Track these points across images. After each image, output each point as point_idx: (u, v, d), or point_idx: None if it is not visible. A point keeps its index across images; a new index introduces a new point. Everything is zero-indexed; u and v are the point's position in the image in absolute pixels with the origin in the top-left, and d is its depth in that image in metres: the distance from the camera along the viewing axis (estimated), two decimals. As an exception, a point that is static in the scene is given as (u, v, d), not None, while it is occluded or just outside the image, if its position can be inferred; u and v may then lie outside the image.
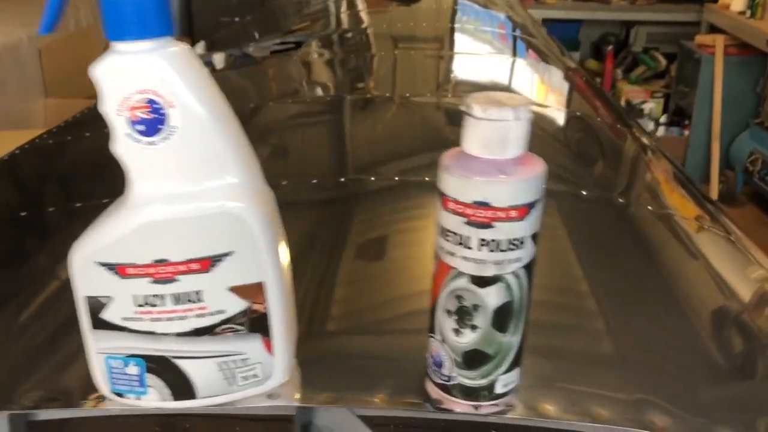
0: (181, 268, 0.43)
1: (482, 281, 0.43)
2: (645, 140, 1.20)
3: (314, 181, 0.87)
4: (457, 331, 0.45)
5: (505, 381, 0.47)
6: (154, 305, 0.44)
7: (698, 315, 0.65)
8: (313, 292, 0.62)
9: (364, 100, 1.24)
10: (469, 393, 0.46)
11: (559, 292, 0.64)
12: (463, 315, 0.44)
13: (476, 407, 0.47)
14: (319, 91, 1.36)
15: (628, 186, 1.02)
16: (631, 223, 0.84)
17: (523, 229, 0.43)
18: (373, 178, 0.89)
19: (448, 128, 1.09)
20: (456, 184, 0.42)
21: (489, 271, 0.43)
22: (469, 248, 0.43)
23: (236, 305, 0.45)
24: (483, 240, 0.42)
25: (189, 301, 0.44)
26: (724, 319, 0.65)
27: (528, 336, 0.46)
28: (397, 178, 0.89)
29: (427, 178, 0.82)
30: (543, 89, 1.47)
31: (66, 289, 0.45)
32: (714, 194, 3.94)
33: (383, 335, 0.58)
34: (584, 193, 0.87)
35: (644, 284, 0.67)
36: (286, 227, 0.47)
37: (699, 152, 4.12)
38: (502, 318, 0.44)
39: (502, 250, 0.43)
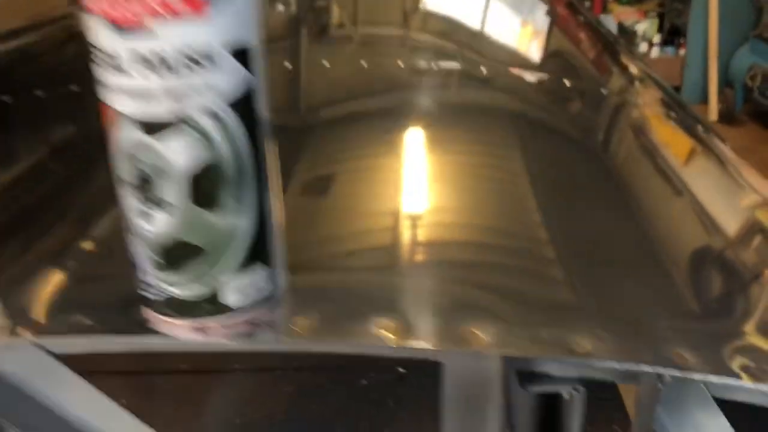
0: None
1: (156, 127, 0.27)
2: (634, 69, 1.06)
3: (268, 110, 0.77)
4: (143, 213, 0.29)
5: (237, 286, 0.31)
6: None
7: (676, 259, 0.52)
8: None
9: (323, 31, 1.10)
10: (184, 307, 0.30)
11: (510, 236, 0.51)
12: (145, 186, 0.28)
13: (201, 329, 0.31)
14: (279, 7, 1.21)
15: (609, 125, 0.89)
16: (608, 164, 0.73)
17: (205, 34, 0.26)
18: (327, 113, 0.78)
19: (411, 69, 0.95)
20: (85, -38, 0.26)
21: (162, 110, 0.27)
22: (123, 71, 0.26)
23: None
24: (140, 55, 0.26)
25: None
26: (704, 260, 0.52)
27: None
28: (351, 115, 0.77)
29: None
30: (520, 22, 1.30)
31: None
32: (713, 115, 3.73)
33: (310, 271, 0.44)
34: (557, 134, 0.75)
35: (616, 230, 0.54)
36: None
37: (696, 72, 3.88)
38: (205, 188, 0.28)
39: (175, 72, 0.26)
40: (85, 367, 0.35)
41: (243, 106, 0.28)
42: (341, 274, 0.42)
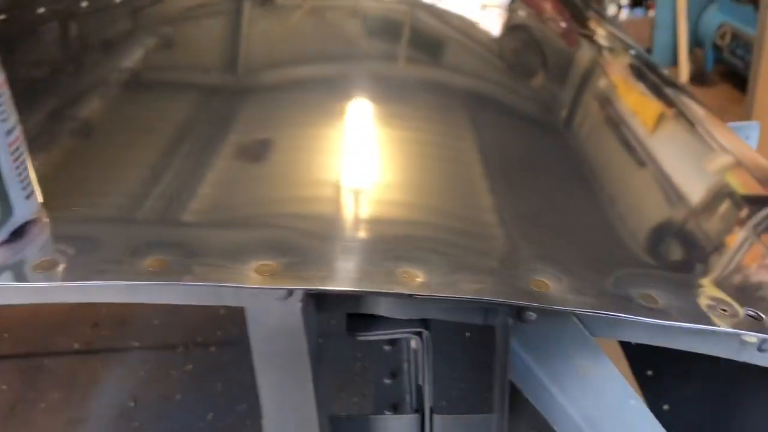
0: None
1: None
2: (602, 35, 0.99)
3: (204, 73, 0.69)
4: None
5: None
6: None
7: (635, 235, 0.44)
8: (175, 184, 0.42)
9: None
10: None
11: (458, 220, 0.43)
12: None
13: None
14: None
15: (573, 98, 0.81)
16: (568, 139, 0.65)
17: None
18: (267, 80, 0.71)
19: (359, 39, 0.87)
20: None
21: None
22: None
23: None
24: None
25: None
26: (665, 233, 0.45)
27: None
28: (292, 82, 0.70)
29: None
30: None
31: None
32: (684, 76, 3.67)
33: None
34: (514, 111, 0.67)
35: (574, 209, 0.46)
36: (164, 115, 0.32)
37: (665, 33, 3.83)
38: None
39: None
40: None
41: None
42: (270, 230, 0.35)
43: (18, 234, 0.25)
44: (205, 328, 0.95)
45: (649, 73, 0.82)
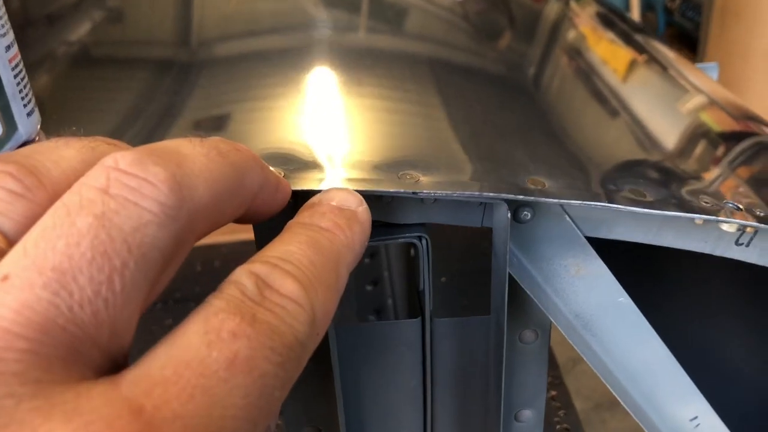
0: None
1: None
2: None
3: (156, 34, 0.67)
4: None
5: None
6: None
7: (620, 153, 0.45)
8: None
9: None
10: None
11: (448, 149, 0.43)
12: None
13: None
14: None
15: (542, 56, 0.80)
16: (538, 97, 0.65)
17: None
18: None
19: (317, 8, 0.84)
20: None
21: None
22: None
23: None
24: None
25: None
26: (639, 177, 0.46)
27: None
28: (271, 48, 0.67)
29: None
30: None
31: None
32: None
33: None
34: (482, 72, 0.67)
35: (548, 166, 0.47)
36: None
37: (618, -2, 3.90)
38: None
39: None
40: None
41: None
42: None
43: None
44: (183, 284, 0.95)
45: (617, 20, 0.84)
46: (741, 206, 0.26)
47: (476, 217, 0.26)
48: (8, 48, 0.24)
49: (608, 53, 0.77)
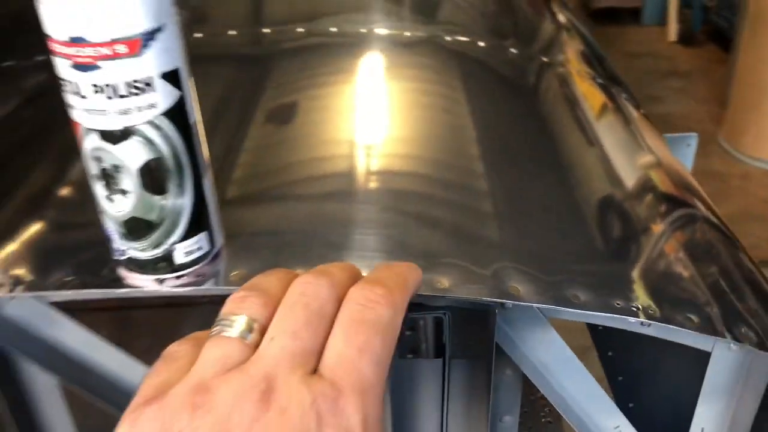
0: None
1: (112, 137, 0.36)
2: (562, 18, 1.11)
3: (231, 32, 0.80)
4: (109, 199, 0.39)
5: (185, 249, 0.41)
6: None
7: (587, 202, 0.60)
8: (220, 157, 0.57)
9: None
10: (146, 266, 0.41)
11: (449, 169, 0.60)
12: (108, 179, 0.38)
13: (160, 281, 0.41)
14: None
15: (539, 69, 0.93)
16: (538, 108, 0.79)
17: (143, 67, 0.35)
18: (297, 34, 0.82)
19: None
20: (49, 16, 0.34)
21: (116, 124, 0.36)
22: (84, 97, 0.35)
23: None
24: (95, 86, 0.35)
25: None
26: (608, 207, 0.61)
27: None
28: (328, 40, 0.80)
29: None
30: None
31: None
32: (672, 35, 3.79)
33: (280, 202, 0.54)
34: (497, 72, 0.81)
35: (540, 172, 0.63)
36: (199, 87, 0.40)
37: (658, -8, 3.91)
38: (153, 179, 0.38)
39: (122, 96, 0.35)
40: (74, 305, 0.45)
41: (176, 114, 0.37)
42: (294, 204, 0.52)
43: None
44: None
45: (596, 64, 0.95)
46: (640, 307, 0.42)
47: (476, 305, 0.42)
48: (209, 167, 0.40)
49: (588, 91, 0.87)
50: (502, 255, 0.45)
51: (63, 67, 0.35)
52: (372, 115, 0.66)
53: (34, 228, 0.47)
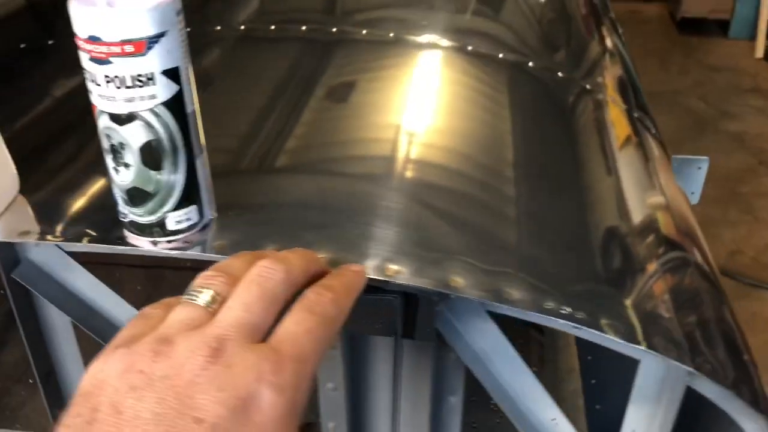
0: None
1: (119, 119, 0.44)
2: (609, 42, 1.13)
3: (303, 27, 0.89)
4: (115, 170, 0.46)
5: (176, 218, 0.48)
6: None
7: (593, 226, 0.63)
8: (277, 126, 0.65)
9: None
10: (143, 229, 0.48)
11: (484, 169, 0.65)
12: (115, 153, 0.45)
13: (154, 243, 0.49)
14: None
15: (579, 94, 0.96)
16: (571, 129, 0.83)
17: (146, 64, 0.42)
18: (364, 31, 0.89)
19: None
20: (74, 17, 0.42)
21: (122, 109, 0.43)
22: (99, 85, 0.43)
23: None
24: (107, 76, 0.42)
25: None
26: (610, 236, 0.64)
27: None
28: (392, 35, 0.87)
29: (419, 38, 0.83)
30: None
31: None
32: (760, 52, 3.65)
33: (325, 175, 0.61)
34: (541, 91, 0.85)
35: (560, 188, 0.67)
36: (271, 62, 0.49)
37: (748, 6, 3.76)
38: (151, 156, 0.45)
39: (128, 87, 0.42)
40: (87, 257, 0.53)
41: (173, 105, 0.44)
42: (330, 179, 0.58)
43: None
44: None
45: (630, 93, 0.96)
46: (579, 316, 0.46)
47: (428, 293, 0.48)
48: (202, 151, 0.47)
49: (616, 119, 0.89)
50: (458, 248, 0.50)
51: (84, 59, 0.43)
52: (420, 104, 0.72)
53: (66, 188, 0.56)
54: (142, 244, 0.49)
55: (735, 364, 0.53)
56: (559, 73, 0.89)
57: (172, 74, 0.43)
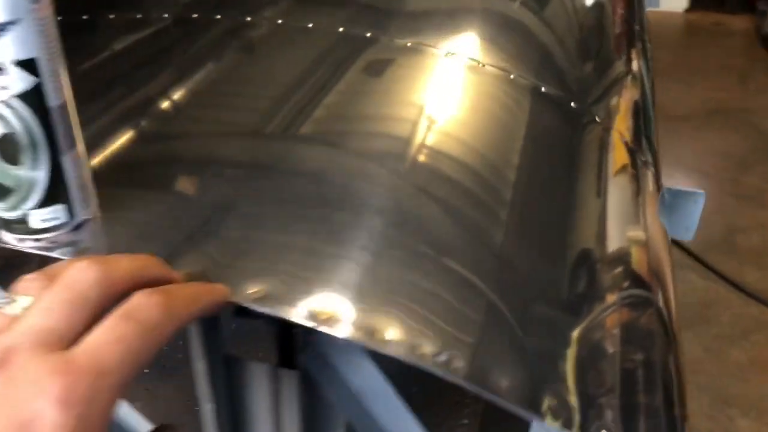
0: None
1: (-30, 111, 0.41)
2: (635, 65, 1.08)
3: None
4: (-24, 163, 0.43)
5: (41, 216, 0.45)
6: None
7: (572, 245, 0.62)
8: (308, 94, 0.67)
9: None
10: (8, 225, 0.46)
11: (486, 165, 0.64)
12: (-27, 145, 0.43)
13: (20, 240, 0.46)
14: None
15: (594, 102, 0.92)
16: (579, 140, 0.80)
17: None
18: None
19: None
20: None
21: (-25, 100, 0.40)
22: (-54, 73, 0.40)
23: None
24: (-46, 66, 0.39)
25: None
26: (585, 260, 0.62)
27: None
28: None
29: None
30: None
31: None
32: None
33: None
34: (555, 110, 0.82)
35: (550, 198, 0.66)
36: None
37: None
38: (6, 150, 0.42)
39: (-23, 77, 0.39)
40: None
41: (31, 98, 0.41)
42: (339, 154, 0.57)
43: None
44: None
45: (640, 120, 0.91)
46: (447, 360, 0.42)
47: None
48: (73, 147, 0.44)
49: (617, 141, 0.84)
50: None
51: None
52: (447, 94, 0.71)
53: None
54: (10, 241, 0.46)
55: (667, 415, 0.49)
56: (573, 104, 0.84)
57: (27, 65, 0.40)
